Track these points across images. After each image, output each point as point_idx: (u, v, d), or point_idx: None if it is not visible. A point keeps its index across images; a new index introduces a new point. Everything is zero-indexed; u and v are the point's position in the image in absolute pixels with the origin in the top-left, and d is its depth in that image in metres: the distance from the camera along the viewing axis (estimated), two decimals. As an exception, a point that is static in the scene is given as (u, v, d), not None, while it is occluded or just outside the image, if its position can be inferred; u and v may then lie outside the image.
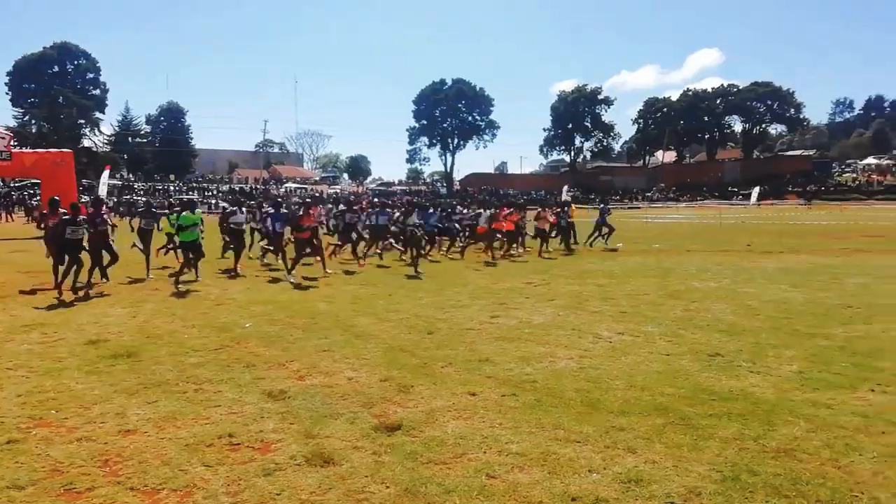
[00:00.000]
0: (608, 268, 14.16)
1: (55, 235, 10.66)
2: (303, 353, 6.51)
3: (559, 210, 19.10)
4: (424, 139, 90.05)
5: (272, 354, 6.45)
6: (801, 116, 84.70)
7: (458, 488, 3.47)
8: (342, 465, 3.79)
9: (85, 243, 10.60)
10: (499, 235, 16.83)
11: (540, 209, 18.86)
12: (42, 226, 12.39)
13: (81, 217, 10.51)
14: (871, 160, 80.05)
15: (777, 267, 13.54)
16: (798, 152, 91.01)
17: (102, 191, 27.94)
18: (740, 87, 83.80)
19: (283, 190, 66.38)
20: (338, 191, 70.95)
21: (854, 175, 76.22)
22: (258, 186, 71.31)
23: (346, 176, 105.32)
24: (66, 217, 10.39)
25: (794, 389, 5.15)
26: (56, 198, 12.45)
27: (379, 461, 3.84)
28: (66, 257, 10.26)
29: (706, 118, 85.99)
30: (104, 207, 11.71)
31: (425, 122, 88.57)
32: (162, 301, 9.77)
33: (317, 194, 56.84)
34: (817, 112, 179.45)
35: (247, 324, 7.99)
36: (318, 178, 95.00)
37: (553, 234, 18.40)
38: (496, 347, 6.70)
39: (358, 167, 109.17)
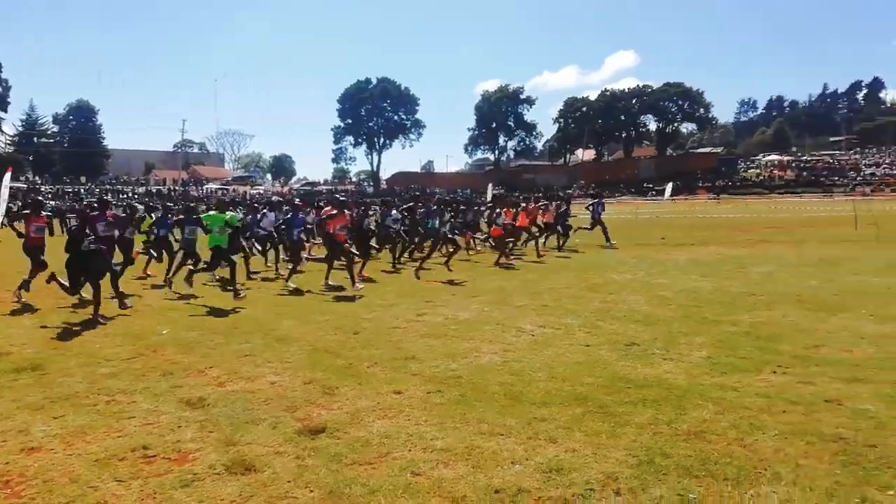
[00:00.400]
0: (532, 264, 14.45)
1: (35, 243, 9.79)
2: (223, 358, 6.31)
3: (564, 207, 18.45)
4: (350, 138, 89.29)
5: (191, 361, 6.22)
6: (710, 116, 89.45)
7: (383, 488, 3.46)
8: (264, 472, 3.71)
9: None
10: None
11: (547, 204, 18.59)
12: (26, 230, 10.20)
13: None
14: (773, 156, 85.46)
15: (688, 259, 14.21)
16: (707, 150, 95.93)
17: (4, 194, 26.08)
18: (654, 88, 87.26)
19: (203, 191, 64.03)
20: (260, 191, 69.01)
21: (758, 171, 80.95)
22: (177, 188, 68.52)
23: (269, 176, 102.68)
24: (74, 227, 9.17)
25: (704, 374, 5.42)
26: (40, 199, 11.41)
27: (302, 465, 3.78)
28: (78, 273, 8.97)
29: (623, 117, 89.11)
30: (108, 211, 10.71)
31: (350, 122, 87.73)
32: (72, 310, 9.23)
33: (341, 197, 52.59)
34: (725, 111, 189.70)
35: (164, 331, 7.67)
36: (230, 179, 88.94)
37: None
38: (422, 345, 6.72)
39: (282, 167, 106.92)
